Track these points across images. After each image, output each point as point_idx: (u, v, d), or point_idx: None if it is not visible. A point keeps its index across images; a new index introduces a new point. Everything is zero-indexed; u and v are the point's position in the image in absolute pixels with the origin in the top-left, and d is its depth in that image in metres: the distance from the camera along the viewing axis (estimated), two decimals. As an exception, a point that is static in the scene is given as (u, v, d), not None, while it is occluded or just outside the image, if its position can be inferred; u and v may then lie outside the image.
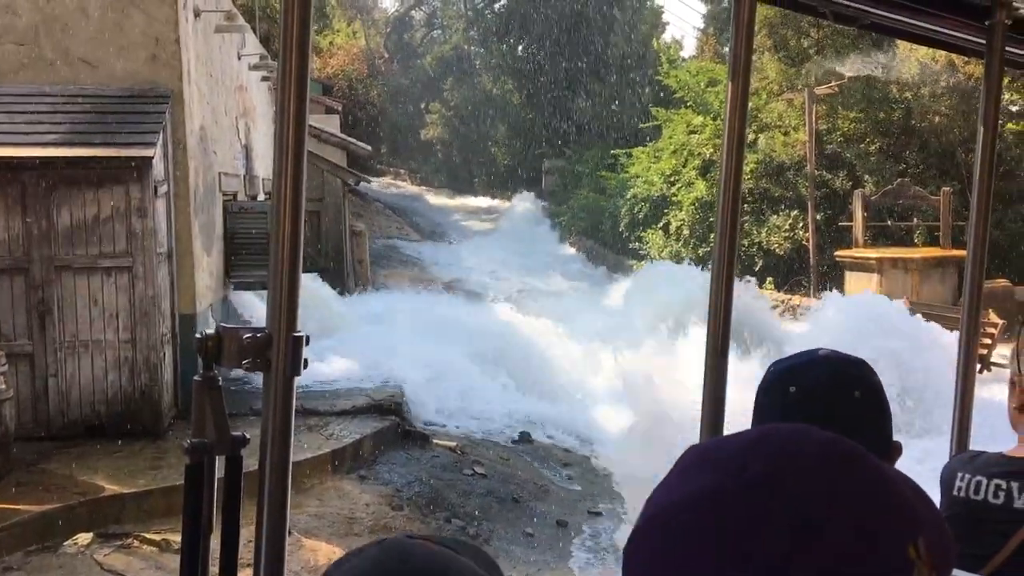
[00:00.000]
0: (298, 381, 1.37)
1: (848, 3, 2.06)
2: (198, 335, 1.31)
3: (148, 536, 7.15)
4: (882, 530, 0.61)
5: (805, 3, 2.06)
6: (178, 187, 9.98)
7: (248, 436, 1.37)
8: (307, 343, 1.35)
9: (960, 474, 1.89)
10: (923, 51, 18.26)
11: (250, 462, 1.33)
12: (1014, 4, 2.18)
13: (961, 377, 2.33)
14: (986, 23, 2.21)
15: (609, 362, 14.56)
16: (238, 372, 1.37)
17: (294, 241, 1.34)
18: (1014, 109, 20.18)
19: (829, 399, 1.31)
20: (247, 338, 1.31)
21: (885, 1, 2.11)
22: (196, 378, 1.34)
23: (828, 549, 0.58)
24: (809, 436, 0.65)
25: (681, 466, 0.66)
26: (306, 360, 1.36)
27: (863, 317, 13.62)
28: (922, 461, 4.48)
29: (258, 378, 1.38)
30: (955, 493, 1.87)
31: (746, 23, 1.78)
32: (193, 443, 1.32)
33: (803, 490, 0.60)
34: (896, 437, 1.39)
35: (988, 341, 14.74)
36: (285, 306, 1.34)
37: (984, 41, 2.25)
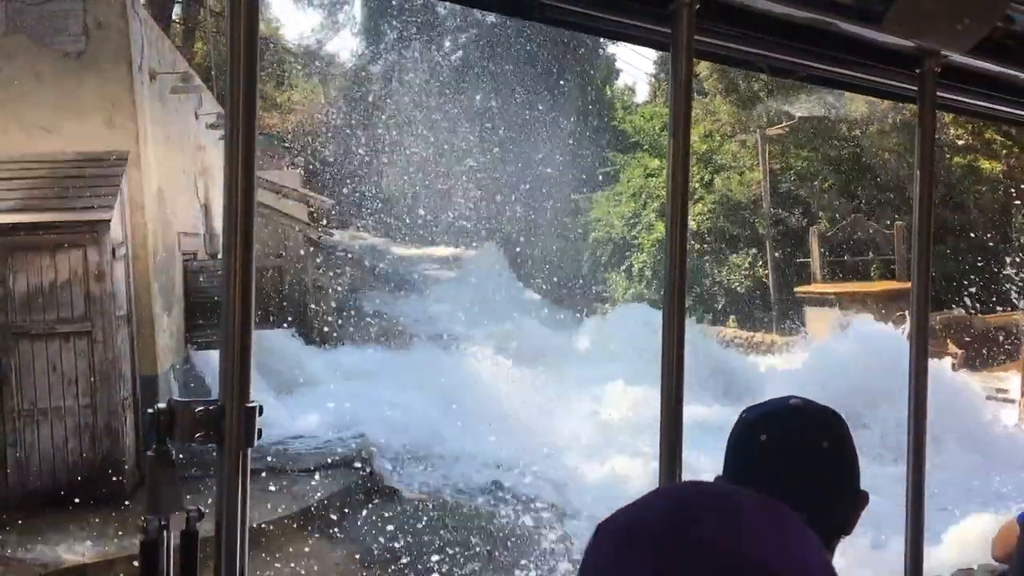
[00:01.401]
0: (266, 437, 1.35)
1: (783, 57, 2.13)
2: (150, 410, 1.31)
3: (112, 607, 6.97)
4: None
5: (742, 59, 2.12)
6: (136, 249, 9.90)
7: (204, 510, 1.37)
8: (260, 413, 1.35)
9: None
10: (870, 90, 18.74)
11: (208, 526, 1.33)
12: (942, 52, 2.27)
13: (913, 405, 2.36)
14: (916, 71, 2.29)
15: (579, 408, 14.56)
16: None
17: (245, 309, 1.33)
18: (961, 143, 20.73)
19: (798, 450, 1.34)
20: (199, 411, 1.30)
21: (819, 54, 2.18)
22: (149, 453, 1.33)
23: None
24: (730, 499, 0.67)
25: (609, 546, 0.65)
26: (260, 430, 1.35)
27: None
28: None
29: None
30: None
31: (684, 79, 1.82)
32: (148, 519, 1.31)
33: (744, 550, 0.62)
34: None
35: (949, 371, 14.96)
36: (237, 376, 1.32)
37: (916, 88, 2.33)
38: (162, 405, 1.31)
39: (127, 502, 8.91)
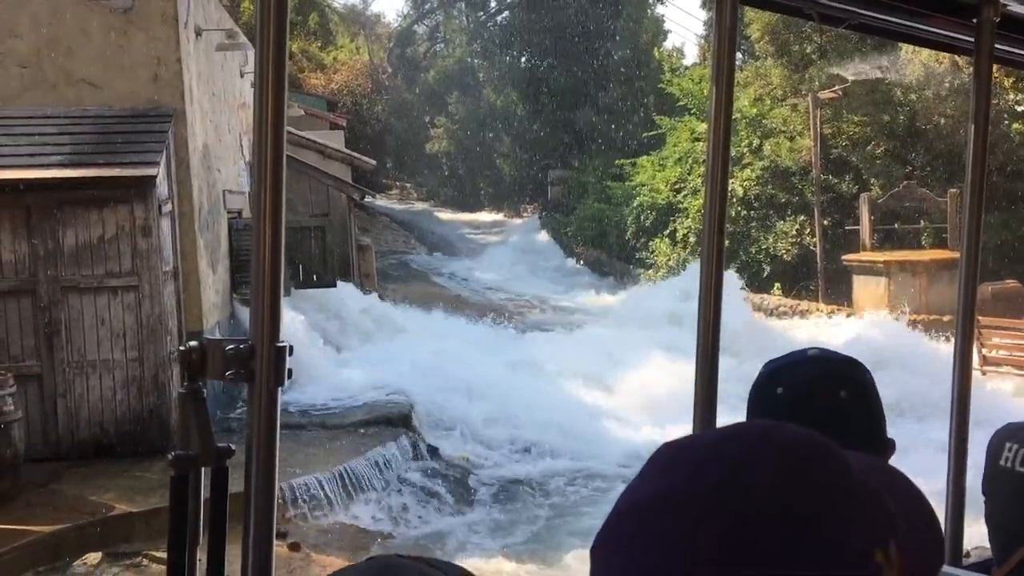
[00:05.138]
0: (310, 394, 1.36)
1: (834, 3, 2.05)
2: (181, 347, 1.31)
3: (157, 555, 7.15)
4: (842, 535, 0.58)
5: (790, 4, 2.05)
6: (182, 205, 10.02)
7: (234, 447, 1.37)
8: (290, 353, 1.35)
9: (1009, 444, 1.86)
10: (926, 53, 18.21)
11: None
12: (1001, 1, 2.17)
13: (958, 381, 2.30)
14: (974, 20, 2.20)
15: (617, 374, 14.54)
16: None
17: (275, 252, 1.33)
18: (1020, 109, 20.08)
19: (815, 399, 1.31)
20: (230, 349, 1.31)
21: (872, 1, 2.10)
22: (180, 390, 1.33)
23: (768, 559, 0.56)
24: (772, 435, 0.62)
25: (651, 465, 0.64)
26: (290, 370, 1.35)
27: None
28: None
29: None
30: (1002, 463, 1.84)
31: (728, 27, 1.77)
32: (177, 455, 1.32)
33: (753, 496, 0.58)
34: None
35: None
36: (267, 317, 1.33)
37: (972, 39, 2.23)
38: (193, 343, 1.32)
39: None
